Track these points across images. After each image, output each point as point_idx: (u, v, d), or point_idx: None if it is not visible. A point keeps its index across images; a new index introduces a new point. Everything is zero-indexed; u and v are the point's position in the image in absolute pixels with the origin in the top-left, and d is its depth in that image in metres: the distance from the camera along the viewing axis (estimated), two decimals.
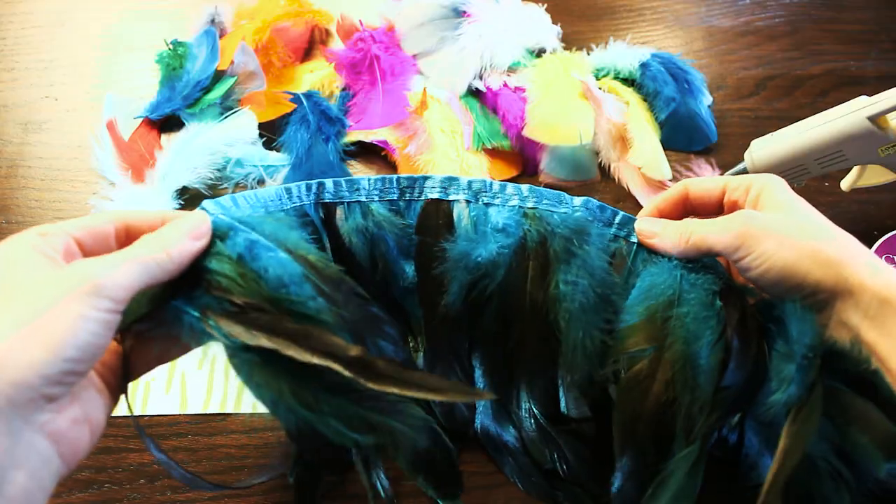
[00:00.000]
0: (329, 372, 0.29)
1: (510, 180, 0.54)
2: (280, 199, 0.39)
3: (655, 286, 0.37)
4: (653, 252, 0.39)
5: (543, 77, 0.56)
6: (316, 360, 0.29)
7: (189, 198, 0.53)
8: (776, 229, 0.34)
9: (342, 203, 0.40)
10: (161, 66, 0.58)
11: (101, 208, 0.51)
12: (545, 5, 0.62)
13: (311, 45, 0.62)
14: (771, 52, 0.62)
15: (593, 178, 0.55)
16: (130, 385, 0.33)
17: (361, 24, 0.59)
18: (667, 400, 0.34)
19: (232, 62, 0.56)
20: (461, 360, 0.41)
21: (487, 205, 0.41)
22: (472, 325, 0.41)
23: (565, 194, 0.41)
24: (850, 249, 0.34)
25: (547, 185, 0.55)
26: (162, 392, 0.46)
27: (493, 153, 0.55)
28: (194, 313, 0.31)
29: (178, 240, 0.32)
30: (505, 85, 0.56)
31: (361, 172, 0.55)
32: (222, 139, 0.53)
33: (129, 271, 0.29)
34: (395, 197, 0.41)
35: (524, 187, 0.41)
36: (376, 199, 0.40)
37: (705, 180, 0.40)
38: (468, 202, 0.41)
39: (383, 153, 0.56)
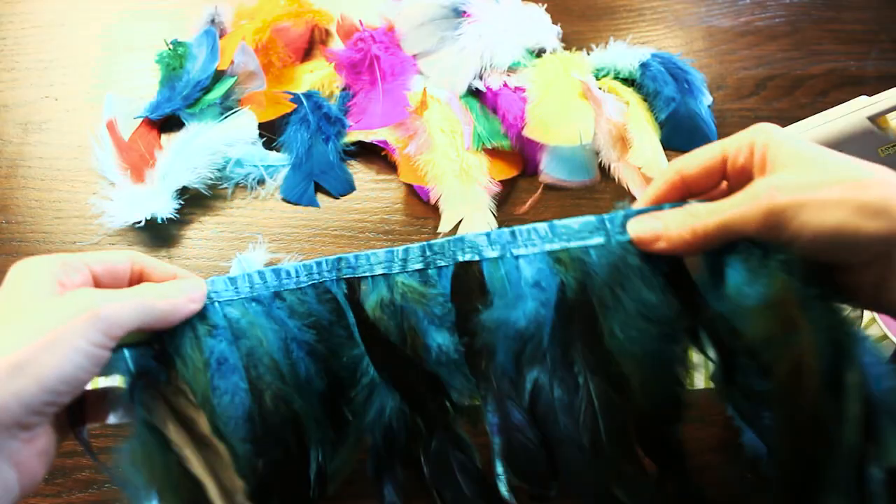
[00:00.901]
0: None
1: (510, 180, 0.55)
2: (289, 277, 0.37)
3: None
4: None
5: (543, 77, 0.56)
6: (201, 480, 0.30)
7: (189, 198, 0.53)
8: (808, 192, 0.29)
9: (365, 277, 0.37)
10: (161, 66, 0.58)
11: (101, 208, 0.51)
12: (545, 5, 0.62)
13: (311, 45, 0.62)
14: (771, 52, 0.62)
15: (593, 178, 0.55)
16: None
17: (361, 24, 0.59)
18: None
19: (232, 62, 0.56)
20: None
21: (517, 257, 0.36)
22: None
23: (587, 220, 0.36)
24: (893, 186, 0.29)
25: (547, 185, 0.55)
26: None
27: (493, 153, 0.55)
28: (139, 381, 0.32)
29: (177, 297, 0.32)
30: (505, 85, 0.56)
31: (362, 172, 0.56)
32: (222, 139, 0.53)
33: (131, 309, 0.29)
34: (419, 266, 0.37)
35: (541, 227, 0.36)
36: (400, 269, 0.37)
37: (699, 153, 0.34)
38: (499, 258, 0.36)
39: (383, 153, 0.56)
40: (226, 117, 0.54)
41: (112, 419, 0.34)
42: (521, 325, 0.34)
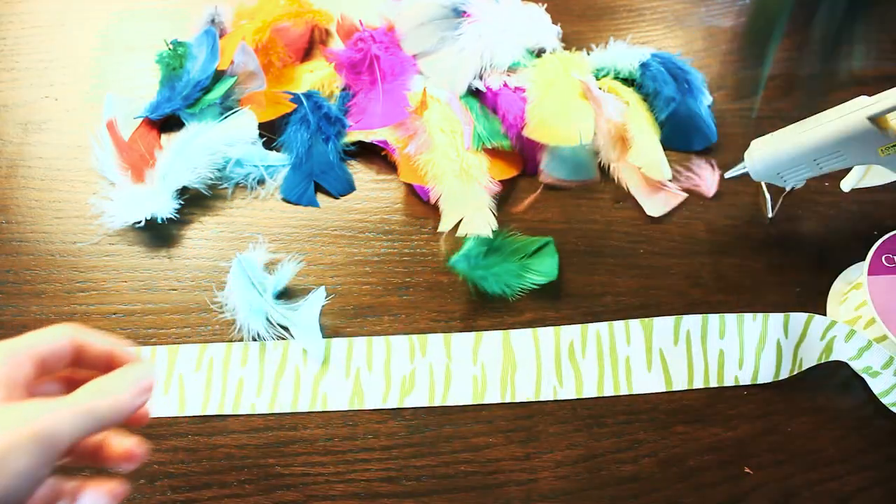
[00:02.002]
0: None
1: (510, 180, 0.55)
2: None
3: None
4: None
5: (543, 77, 0.56)
6: None
7: (189, 198, 0.53)
8: None
9: None
10: (161, 66, 0.58)
11: (102, 208, 0.51)
12: (545, 5, 0.62)
13: (310, 45, 0.62)
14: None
15: (593, 178, 0.55)
16: None
17: (361, 24, 0.59)
18: None
19: (232, 62, 0.56)
20: None
21: None
22: None
23: None
24: None
25: (547, 185, 0.55)
26: (160, 394, 0.46)
27: (493, 153, 0.55)
28: None
29: (122, 392, 0.29)
30: (505, 85, 0.56)
31: (362, 172, 0.56)
32: (222, 139, 0.53)
33: (75, 422, 0.28)
34: None
35: None
36: None
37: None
38: None
39: (383, 153, 0.56)
40: (226, 117, 0.54)
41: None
42: None
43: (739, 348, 0.47)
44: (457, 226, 0.51)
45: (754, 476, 0.44)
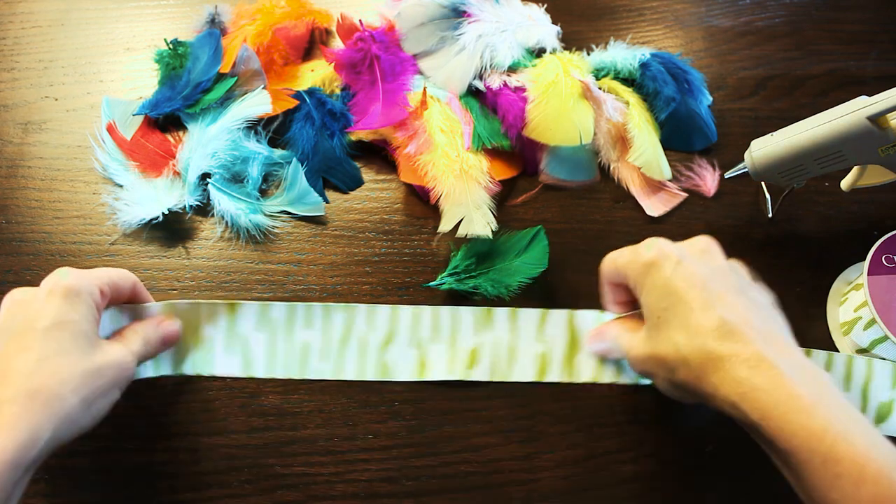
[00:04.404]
0: None
1: (510, 180, 0.55)
2: None
3: None
4: None
5: (543, 77, 0.56)
6: None
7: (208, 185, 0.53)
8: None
9: None
10: (161, 66, 0.58)
11: (114, 208, 0.52)
12: (545, 5, 0.62)
13: (311, 45, 0.62)
14: (771, 52, 0.62)
15: (593, 178, 0.55)
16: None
17: (361, 24, 0.59)
18: None
19: (234, 64, 0.56)
20: None
21: None
22: None
23: None
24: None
25: (547, 185, 0.55)
26: (222, 352, 0.46)
27: (493, 153, 0.55)
28: None
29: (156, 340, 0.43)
30: (505, 85, 0.56)
31: (362, 172, 0.56)
32: (240, 116, 0.54)
33: (134, 364, 0.40)
34: None
35: None
36: None
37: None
38: None
39: (383, 153, 0.56)
40: (243, 100, 0.55)
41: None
42: None
43: None
44: (457, 226, 0.51)
45: (755, 476, 0.44)
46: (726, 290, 0.37)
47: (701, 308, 0.36)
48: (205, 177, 0.53)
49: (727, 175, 0.53)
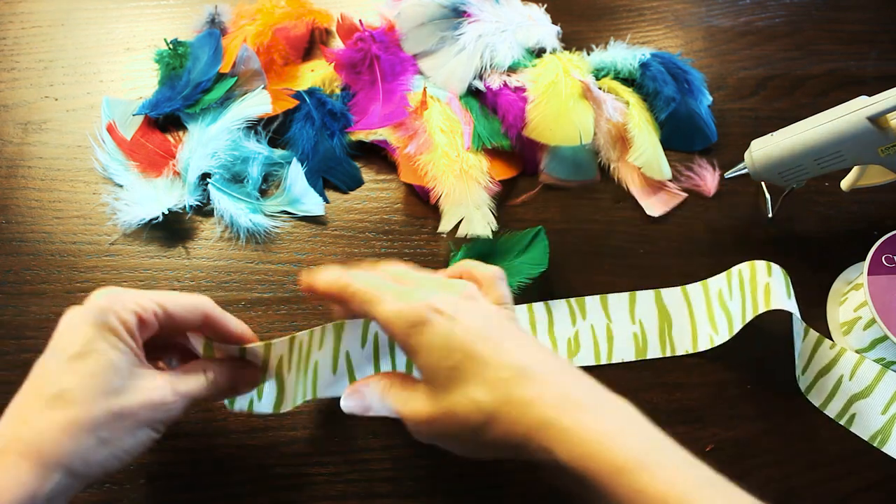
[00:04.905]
0: None
1: (510, 180, 0.55)
2: None
3: None
4: None
5: (543, 77, 0.56)
6: None
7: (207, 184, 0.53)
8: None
9: None
10: (160, 66, 0.58)
11: (114, 208, 0.52)
12: (545, 5, 0.62)
13: (311, 45, 0.62)
14: (771, 52, 0.62)
15: (593, 178, 0.55)
16: None
17: (361, 24, 0.59)
18: None
19: (234, 64, 0.56)
20: None
21: None
22: None
23: None
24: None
25: (547, 185, 0.55)
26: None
27: (493, 153, 0.55)
28: None
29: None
30: (505, 85, 0.56)
31: (362, 172, 0.55)
32: (240, 117, 0.54)
33: (178, 404, 0.36)
34: None
35: None
36: None
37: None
38: None
39: (383, 153, 0.56)
40: (243, 100, 0.55)
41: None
42: None
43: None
44: (457, 226, 0.51)
45: (754, 476, 0.44)
46: (507, 335, 0.35)
47: (493, 359, 0.34)
48: (205, 177, 0.53)
49: (727, 175, 0.53)
